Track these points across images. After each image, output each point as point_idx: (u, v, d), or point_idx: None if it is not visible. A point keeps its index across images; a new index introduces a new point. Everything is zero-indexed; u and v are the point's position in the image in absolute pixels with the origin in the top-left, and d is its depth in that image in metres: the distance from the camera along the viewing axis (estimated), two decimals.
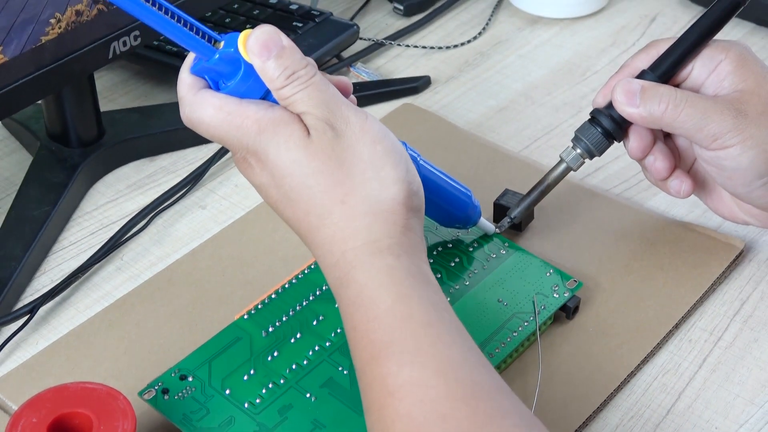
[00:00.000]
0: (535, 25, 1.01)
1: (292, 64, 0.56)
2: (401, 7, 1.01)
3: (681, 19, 1.00)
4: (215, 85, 0.58)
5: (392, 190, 0.56)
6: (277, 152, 0.56)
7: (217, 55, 0.56)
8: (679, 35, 0.68)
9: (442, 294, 0.56)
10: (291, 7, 0.95)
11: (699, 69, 0.67)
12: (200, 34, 0.56)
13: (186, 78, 0.58)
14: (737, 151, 0.65)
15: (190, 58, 0.58)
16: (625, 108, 0.66)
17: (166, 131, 0.85)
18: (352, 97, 0.61)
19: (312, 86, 0.56)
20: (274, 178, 0.56)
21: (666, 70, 0.67)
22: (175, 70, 0.88)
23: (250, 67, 0.57)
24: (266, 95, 0.58)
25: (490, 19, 1.01)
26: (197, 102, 0.57)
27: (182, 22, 0.55)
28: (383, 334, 0.53)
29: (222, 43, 0.57)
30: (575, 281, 0.69)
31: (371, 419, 0.53)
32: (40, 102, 0.81)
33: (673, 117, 0.65)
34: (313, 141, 0.56)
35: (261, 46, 0.56)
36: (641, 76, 0.68)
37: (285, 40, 0.56)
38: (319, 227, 0.56)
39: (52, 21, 0.71)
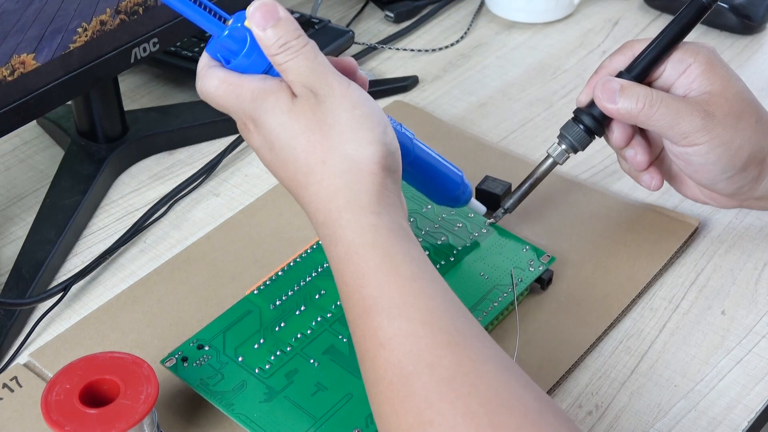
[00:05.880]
0: (510, 30, 1.00)
1: (286, 34, 0.55)
2: (392, 15, 1.01)
3: (641, 22, 1.00)
4: (227, 63, 0.58)
5: (368, 150, 0.55)
6: (266, 117, 0.56)
7: (227, 32, 0.56)
8: (640, 36, 0.67)
9: (421, 248, 0.55)
10: (294, 15, 0.93)
11: (670, 70, 0.65)
12: (212, 13, 0.56)
13: (203, 57, 0.59)
14: (705, 149, 0.64)
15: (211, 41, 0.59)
16: (605, 104, 0.65)
17: (184, 128, 0.85)
18: (362, 74, 0.61)
19: (301, 56, 0.55)
20: (266, 140, 0.56)
21: (641, 71, 0.65)
22: (191, 73, 0.88)
23: (254, 43, 0.56)
24: (269, 70, 0.57)
25: (470, 25, 1.01)
26: (207, 76, 0.57)
27: (196, 2, 0.55)
28: (372, 290, 0.52)
29: (231, 21, 0.56)
30: (548, 256, 0.69)
31: (365, 367, 0.52)
32: (70, 102, 0.81)
33: (648, 115, 0.63)
34: (297, 106, 0.55)
35: (260, 16, 0.55)
36: (618, 76, 0.65)
37: (282, 12, 0.56)
38: (306, 186, 0.55)
39: (79, 30, 0.71)
